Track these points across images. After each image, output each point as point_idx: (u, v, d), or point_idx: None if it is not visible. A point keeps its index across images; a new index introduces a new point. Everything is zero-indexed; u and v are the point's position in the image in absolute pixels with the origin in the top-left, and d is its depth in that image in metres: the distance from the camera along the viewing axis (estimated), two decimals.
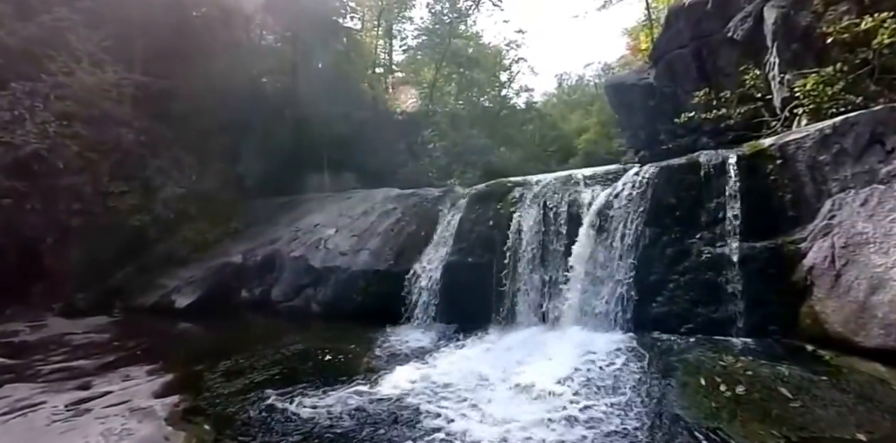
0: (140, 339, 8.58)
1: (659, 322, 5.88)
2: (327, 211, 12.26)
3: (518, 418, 4.30)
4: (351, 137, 16.08)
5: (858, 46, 6.12)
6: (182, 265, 11.88)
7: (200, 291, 10.87)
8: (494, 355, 6.07)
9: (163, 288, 11.20)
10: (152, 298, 11.00)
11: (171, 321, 10.02)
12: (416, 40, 19.85)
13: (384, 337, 7.44)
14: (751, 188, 5.85)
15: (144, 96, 12.25)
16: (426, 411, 4.65)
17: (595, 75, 29.99)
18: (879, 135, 5.45)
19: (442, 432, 4.23)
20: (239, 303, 10.81)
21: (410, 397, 4.99)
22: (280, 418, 4.82)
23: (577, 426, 4.15)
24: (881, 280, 4.68)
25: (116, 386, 6.26)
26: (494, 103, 23.94)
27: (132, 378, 6.61)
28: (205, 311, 10.38)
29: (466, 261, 7.74)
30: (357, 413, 4.75)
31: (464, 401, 4.79)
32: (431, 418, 4.48)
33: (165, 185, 12.07)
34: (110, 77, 10.99)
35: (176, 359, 7.34)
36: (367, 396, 5.16)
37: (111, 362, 7.36)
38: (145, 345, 8.30)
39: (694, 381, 4.59)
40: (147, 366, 7.01)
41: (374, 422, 4.54)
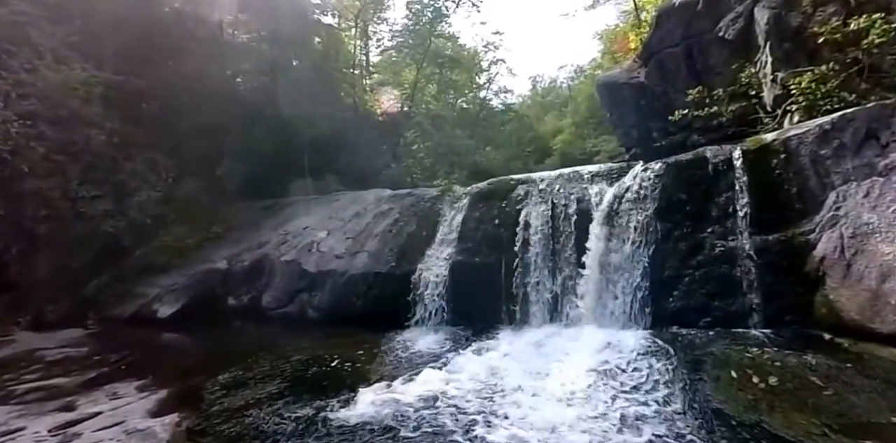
0: (122, 352, 7.99)
1: (677, 317, 5.91)
2: (315, 214, 11.89)
3: (561, 423, 4.18)
4: (333, 138, 15.70)
5: (848, 46, 6.36)
6: (162, 273, 11.25)
7: (184, 300, 10.29)
8: (515, 356, 5.93)
9: (142, 297, 10.56)
10: (131, 307, 10.35)
11: (154, 332, 9.44)
12: (395, 40, 19.58)
13: (393, 342, 7.19)
14: (758, 182, 5.95)
15: (115, 96, 11.49)
16: (462, 420, 4.46)
17: (568, 77, 30.60)
18: (874, 130, 5.65)
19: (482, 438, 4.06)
20: (226, 311, 10.29)
21: (440, 406, 4.79)
22: (300, 434, 4.52)
23: (626, 429, 4.06)
24: (891, 268, 4.82)
25: (105, 405, 5.75)
26: (473, 105, 23.91)
27: (121, 396, 6.09)
28: (190, 320, 9.84)
29: (473, 261, 7.60)
30: (388, 425, 4.51)
31: (498, 407, 4.63)
32: (470, 427, 4.29)
33: (140, 189, 11.39)
34: (78, 75, 10.25)
35: (167, 373, 6.86)
36: (392, 405, 4.92)
37: (94, 378, 6.79)
38: (129, 358, 7.75)
39: (725, 374, 4.59)
40: (136, 381, 6.50)
41: (409, 435, 4.30)
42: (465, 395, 4.98)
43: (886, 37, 5.90)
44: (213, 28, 14.06)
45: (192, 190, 12.70)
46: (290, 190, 14.96)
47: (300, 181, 15.44)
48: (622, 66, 10.21)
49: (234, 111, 13.67)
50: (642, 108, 9.55)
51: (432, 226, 8.54)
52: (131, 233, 11.29)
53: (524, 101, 30.89)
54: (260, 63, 14.58)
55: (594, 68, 25.95)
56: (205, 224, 12.68)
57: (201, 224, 12.68)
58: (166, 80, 12.45)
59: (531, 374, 5.32)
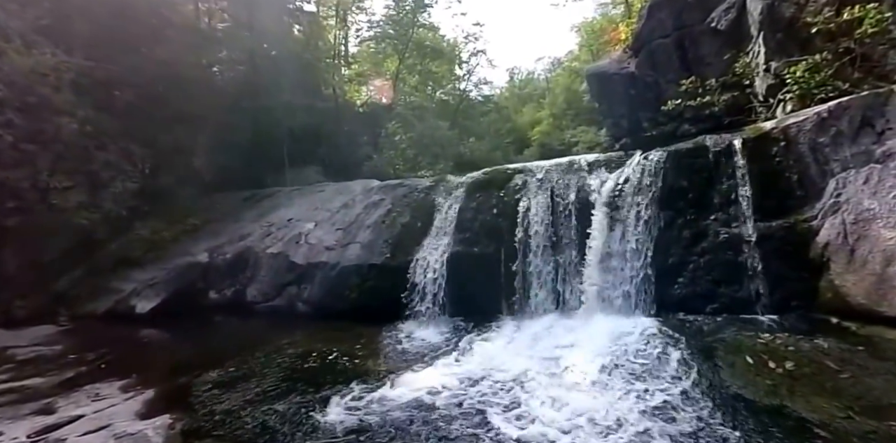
0: (100, 350, 7.42)
1: (682, 304, 5.84)
2: (298, 205, 11.42)
3: (582, 414, 4.01)
4: (312, 129, 15.13)
5: (840, 36, 6.37)
6: (137, 267, 10.61)
7: (164, 294, 9.72)
8: (520, 346, 5.76)
9: (118, 292, 9.91)
10: (106, 303, 9.71)
11: (133, 328, 8.86)
12: (374, 31, 18.97)
13: (391, 335, 6.91)
14: (759, 170, 5.93)
15: (87, 83, 10.66)
16: (480, 412, 4.23)
17: (546, 69, 30.57)
18: (869, 118, 5.67)
19: (509, 436, 3.84)
20: (208, 305, 9.78)
21: (454, 399, 4.55)
22: (307, 433, 4.21)
23: (648, 416, 3.92)
24: (894, 253, 4.85)
25: (87, 407, 5.27)
26: (453, 96, 23.55)
27: (104, 397, 5.61)
28: (170, 315, 9.30)
29: (472, 251, 7.36)
30: (400, 420, 4.25)
31: (516, 398, 4.43)
32: (490, 420, 4.07)
33: (115, 180, 10.64)
34: (48, 60, 9.40)
35: (152, 371, 6.39)
36: (401, 401, 4.65)
37: (71, 378, 6.26)
38: (109, 357, 7.19)
39: (740, 360, 4.53)
40: (118, 381, 6.02)
41: (425, 431, 4.04)
42: (478, 386, 4.77)
43: (879, 27, 5.92)
44: (189, 15, 13.22)
45: (167, 181, 11.99)
46: (269, 182, 14.39)
47: (279, 173, 14.84)
48: (612, 56, 10.10)
49: (212, 101, 12.93)
50: (632, 98, 9.45)
51: (427, 216, 8.24)
52: (105, 225, 10.56)
53: (502, 92, 30.75)
54: (238, 52, 13.81)
55: (571, 60, 26.02)
56: (181, 216, 12.02)
57: (178, 216, 12.02)
58: (140, 68, 11.63)
59: (541, 363, 5.15)
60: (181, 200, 12.24)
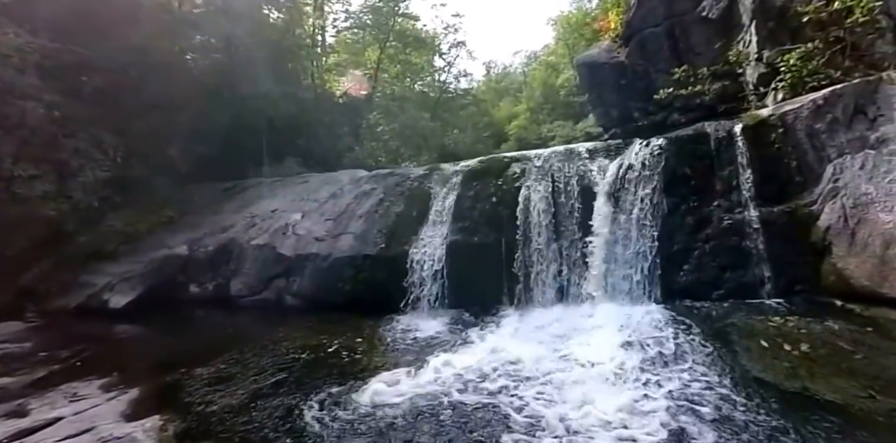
0: (74, 347, 6.88)
1: (689, 290, 5.79)
2: (282, 196, 10.94)
3: (607, 404, 3.85)
4: (292, 120, 14.52)
5: (830, 25, 6.42)
6: (110, 260, 9.95)
7: (141, 288, 9.13)
8: (529, 336, 5.58)
9: (90, 286, 9.27)
10: (77, 298, 9.06)
11: (108, 324, 8.32)
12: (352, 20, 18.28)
13: (390, 327, 6.64)
14: (759, 156, 5.92)
15: (53, 66, 9.84)
16: (502, 406, 4.02)
17: (522, 63, 30.46)
18: (862, 105, 5.73)
19: (537, 427, 3.65)
20: (188, 300, 9.27)
21: (471, 392, 4.32)
22: (316, 432, 3.90)
23: (674, 403, 3.81)
24: (892, 236, 4.91)
25: (65, 409, 4.81)
26: (432, 88, 23.14)
27: (83, 397, 5.13)
28: (147, 310, 8.76)
29: (472, 240, 7.13)
30: (414, 416, 4.00)
31: (537, 391, 4.22)
32: (512, 416, 3.86)
33: (84, 168, 9.88)
34: (11, 40, 8.60)
35: (134, 369, 5.93)
36: (412, 395, 4.38)
37: (45, 377, 5.75)
38: (84, 354, 6.66)
39: (755, 344, 4.48)
40: (97, 380, 5.56)
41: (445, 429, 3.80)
42: (492, 379, 4.55)
43: (870, 16, 5.97)
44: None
45: (142, 171, 11.23)
46: (248, 173, 13.75)
47: (258, 164, 14.21)
48: (601, 45, 9.98)
49: (188, 88, 12.17)
50: (623, 87, 9.38)
51: (422, 205, 7.96)
52: (75, 217, 9.82)
53: (479, 86, 30.49)
54: (214, 38, 13.01)
55: (548, 54, 25.99)
56: (157, 208, 11.34)
57: (153, 208, 11.33)
58: (111, 52, 10.80)
59: (554, 353, 4.99)
60: (156, 190, 11.51)
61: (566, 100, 24.43)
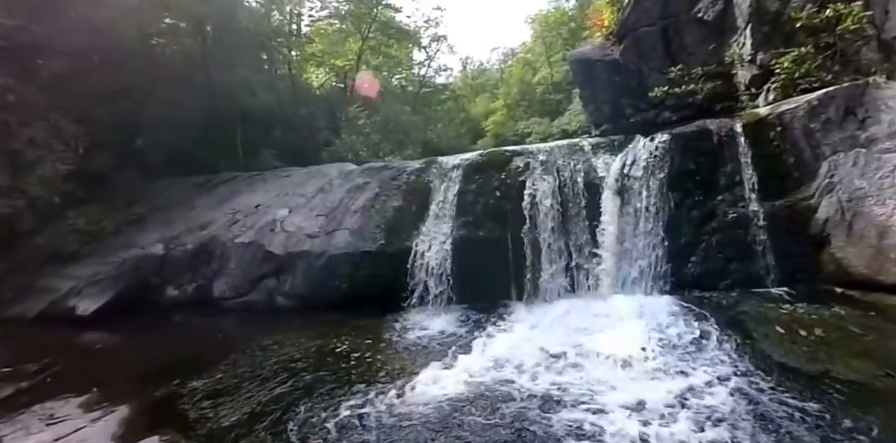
0: (41, 360, 6.39)
1: (697, 281, 6.13)
2: (263, 190, 10.68)
3: (640, 395, 4.03)
4: (268, 110, 14.16)
5: (822, 31, 6.96)
6: (73, 262, 9.42)
7: (111, 292, 8.70)
8: (545, 331, 5.70)
9: (52, 292, 8.74)
10: (38, 304, 8.53)
11: (75, 333, 7.86)
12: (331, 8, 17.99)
13: (397, 326, 6.61)
14: (760, 153, 6.35)
15: (6, 47, 9.21)
16: (542, 405, 4.09)
17: (499, 60, 30.96)
18: (852, 107, 6.26)
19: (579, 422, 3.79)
20: (164, 303, 8.91)
21: (505, 391, 4.35)
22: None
23: (706, 390, 4.05)
24: (885, 227, 5.41)
25: (44, 434, 4.46)
26: (411, 83, 23.13)
27: (63, 418, 4.76)
28: (119, 317, 8.35)
29: (477, 235, 7.23)
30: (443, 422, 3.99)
31: (572, 386, 4.32)
32: (556, 414, 3.96)
33: (43, 160, 9.27)
34: None
35: (115, 383, 5.60)
36: (437, 399, 4.36)
37: (12, 397, 5.34)
38: (55, 368, 6.21)
39: (771, 330, 4.81)
40: (75, 398, 5.17)
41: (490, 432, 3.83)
42: (526, 375, 4.63)
43: (860, 24, 6.52)
44: None
45: (106, 163, 10.70)
46: (221, 166, 13.33)
47: (233, 157, 13.78)
48: (594, 43, 10.34)
49: (157, 74, 11.66)
50: (615, 84, 9.74)
51: (422, 200, 7.99)
52: (32, 214, 9.24)
53: (455, 82, 30.74)
54: (185, 21, 12.48)
55: (526, 52, 26.55)
56: (123, 204, 10.82)
57: (119, 204, 10.81)
58: (70, 33, 10.17)
59: (576, 347, 5.14)
60: (122, 185, 10.99)
61: (543, 97, 25.06)
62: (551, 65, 25.28)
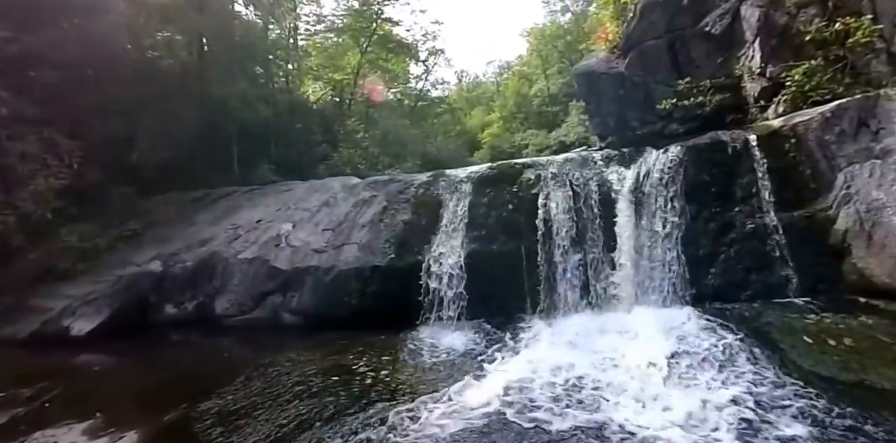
0: (36, 384, 6.26)
1: (717, 292, 6.23)
2: (264, 205, 10.71)
3: (678, 408, 4.09)
4: (264, 124, 14.28)
5: (831, 44, 7.26)
6: (65, 280, 9.33)
7: (108, 311, 8.61)
8: (568, 345, 5.73)
9: (44, 311, 8.61)
10: (29, 325, 8.39)
11: (70, 355, 7.76)
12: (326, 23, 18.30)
13: (412, 343, 6.61)
14: (775, 164, 6.53)
15: None
16: (576, 423, 4.14)
17: (495, 73, 31.60)
18: (864, 119, 6.49)
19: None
20: (162, 322, 8.83)
21: (529, 408, 4.38)
22: None
23: (742, 401, 4.11)
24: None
25: None
26: (408, 96, 23.48)
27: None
28: (116, 337, 8.24)
29: (490, 248, 7.30)
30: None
31: (607, 404, 4.36)
32: (592, 422, 4.02)
33: (36, 175, 9.23)
34: None
35: (120, 407, 5.53)
36: (470, 417, 4.38)
37: (9, 425, 5.21)
38: (53, 392, 6.06)
39: (798, 340, 4.91)
40: (78, 424, 5.06)
41: None
42: (552, 393, 4.65)
43: (871, 37, 6.82)
44: None
45: (100, 178, 10.65)
46: (215, 180, 13.33)
47: (228, 171, 13.82)
48: (598, 56, 10.65)
49: (152, 88, 11.72)
50: (621, 97, 10.02)
51: (432, 213, 8.07)
52: (23, 231, 9.12)
53: (451, 95, 31.24)
54: (184, 34, 12.64)
55: (522, 65, 27.13)
56: (118, 220, 10.76)
57: (113, 220, 10.74)
58: (64, 45, 10.28)
59: (603, 361, 5.19)
60: (116, 200, 10.94)
61: (539, 109, 25.54)
62: (547, 77, 25.87)
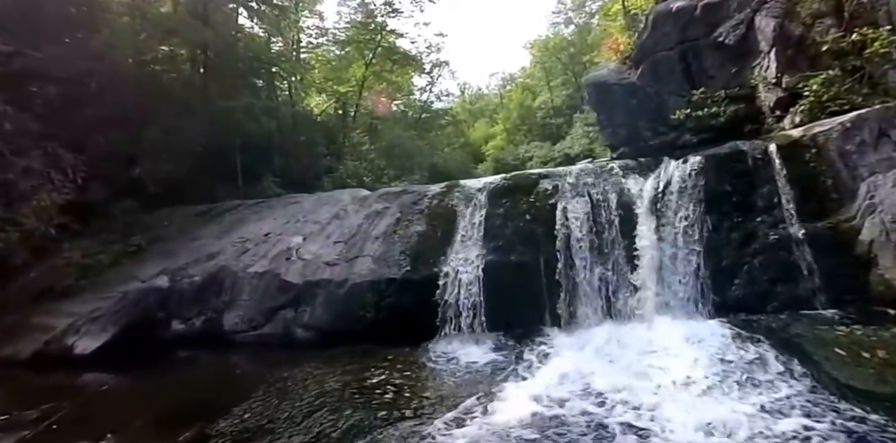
0: (41, 405, 6.16)
1: (742, 304, 6.26)
2: (272, 218, 10.75)
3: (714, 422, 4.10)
4: (268, 137, 14.42)
5: (848, 55, 7.43)
6: (67, 297, 9.29)
7: (114, 329, 8.53)
8: (593, 359, 5.75)
9: (47, 330, 8.55)
10: (31, 344, 8.31)
11: (75, 374, 7.71)
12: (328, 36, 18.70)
13: (431, 357, 6.61)
14: (796, 174, 6.63)
15: (1, 73, 9.39)
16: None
17: (498, 85, 32.01)
18: (885, 129, 6.61)
19: None
20: (169, 339, 8.75)
21: (575, 428, 4.36)
22: None
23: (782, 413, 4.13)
24: None
25: None
26: (412, 108, 23.76)
27: None
28: (123, 355, 8.15)
29: (508, 259, 7.34)
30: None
31: (633, 416, 4.38)
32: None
33: (39, 190, 9.29)
34: None
35: (132, 428, 5.46)
36: (508, 431, 4.38)
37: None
38: (60, 413, 5.98)
39: (831, 353, 4.92)
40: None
41: None
42: (583, 407, 4.65)
43: (888, 48, 6.98)
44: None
45: (104, 193, 10.71)
46: (218, 194, 13.42)
47: (232, 184, 13.91)
48: (609, 66, 10.85)
49: (155, 102, 11.88)
50: (633, 108, 10.19)
51: (447, 224, 8.13)
52: (25, 248, 9.12)
53: (454, 107, 31.58)
54: (188, 47, 12.84)
55: (525, 77, 27.52)
56: (121, 235, 10.76)
57: (116, 235, 10.74)
58: (67, 59, 10.43)
59: (632, 376, 5.19)
60: (118, 215, 10.97)
61: (543, 121, 25.85)
62: (551, 89, 26.23)
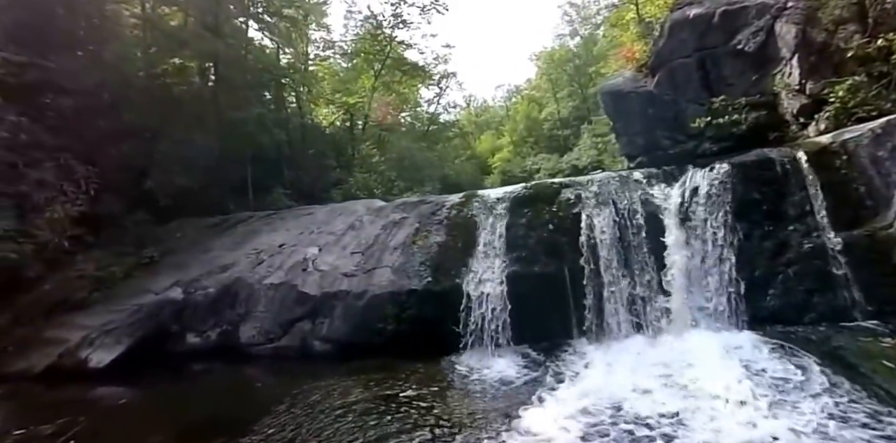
0: (57, 420, 6.07)
1: (777, 315, 6.16)
2: (286, 229, 10.73)
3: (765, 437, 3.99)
4: (278, 149, 14.50)
5: (874, 61, 7.41)
6: (82, 310, 9.23)
7: (129, 342, 8.45)
8: (626, 372, 5.63)
9: (60, 343, 8.46)
10: (46, 358, 8.21)
11: (89, 388, 7.62)
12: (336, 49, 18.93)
13: (457, 370, 6.51)
14: (828, 181, 6.56)
15: (14, 84, 9.45)
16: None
17: (504, 97, 32.23)
18: None
19: None
20: (183, 352, 8.67)
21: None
22: None
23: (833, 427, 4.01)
24: None
25: None
26: (420, 119, 23.90)
27: None
28: (138, 368, 8.07)
29: (532, 270, 7.26)
30: None
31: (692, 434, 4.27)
32: None
33: (53, 202, 9.29)
34: None
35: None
36: None
37: None
38: (76, 428, 5.86)
39: (878, 365, 4.82)
40: None
41: None
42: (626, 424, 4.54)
43: None
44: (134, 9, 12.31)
45: (117, 206, 10.71)
46: (229, 205, 13.44)
47: (242, 196, 13.94)
48: (625, 74, 10.88)
49: (166, 114, 11.96)
50: (650, 116, 10.18)
51: (468, 234, 8.06)
52: (38, 261, 9.08)
53: (459, 119, 31.76)
54: (198, 59, 12.98)
55: (531, 88, 27.71)
56: (134, 247, 10.74)
57: (129, 248, 10.72)
58: (80, 71, 10.52)
59: (670, 389, 5.09)
60: (131, 227, 10.97)
61: (550, 133, 25.93)
62: (557, 101, 26.36)
